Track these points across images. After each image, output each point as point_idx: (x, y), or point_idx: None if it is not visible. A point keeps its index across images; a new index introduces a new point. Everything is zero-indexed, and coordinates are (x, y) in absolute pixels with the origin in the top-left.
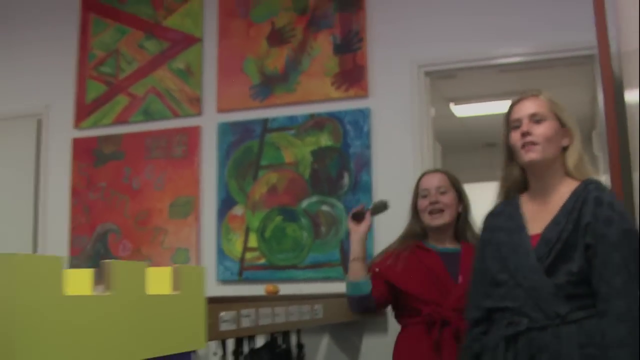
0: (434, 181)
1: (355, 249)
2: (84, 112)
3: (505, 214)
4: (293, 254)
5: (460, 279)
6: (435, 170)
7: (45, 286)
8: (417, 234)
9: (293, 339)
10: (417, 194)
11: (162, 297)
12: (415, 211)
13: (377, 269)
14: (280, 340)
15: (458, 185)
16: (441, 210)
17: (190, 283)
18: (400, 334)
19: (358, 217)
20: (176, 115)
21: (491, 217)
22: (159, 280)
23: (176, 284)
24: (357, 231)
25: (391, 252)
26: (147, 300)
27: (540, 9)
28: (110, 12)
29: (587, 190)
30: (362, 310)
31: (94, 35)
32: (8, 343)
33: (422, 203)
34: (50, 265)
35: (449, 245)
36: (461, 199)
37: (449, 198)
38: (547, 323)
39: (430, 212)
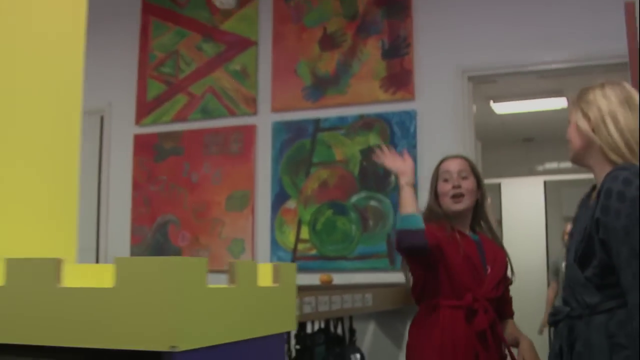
0: (456, 165)
1: (405, 171)
2: (144, 109)
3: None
4: (342, 246)
5: (488, 269)
6: (456, 155)
7: (194, 283)
8: (439, 217)
9: (344, 325)
10: (437, 177)
11: (267, 288)
12: (435, 195)
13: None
14: (332, 325)
15: (477, 172)
16: (462, 195)
17: (286, 276)
18: (431, 315)
19: None
20: (233, 114)
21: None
22: (263, 274)
23: (275, 278)
24: (407, 159)
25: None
26: (259, 291)
27: (579, 18)
28: (169, 16)
29: (604, 181)
30: (414, 247)
31: (155, 37)
32: (171, 331)
33: (444, 187)
34: (198, 264)
35: (470, 232)
36: (479, 186)
37: (470, 183)
38: (581, 312)
39: (453, 197)
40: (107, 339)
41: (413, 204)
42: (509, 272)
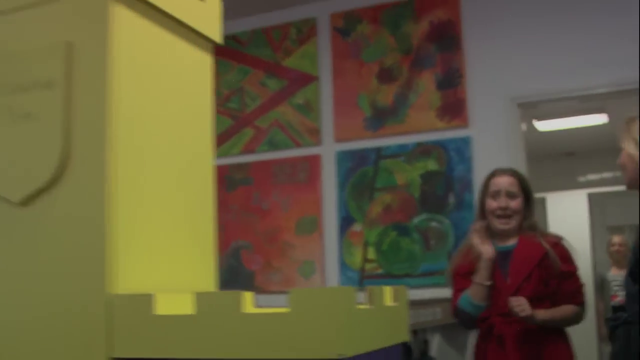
0: (505, 182)
1: (483, 274)
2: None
3: None
4: (407, 264)
5: (509, 279)
6: (507, 171)
7: (349, 305)
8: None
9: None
10: (485, 193)
11: (392, 307)
12: (483, 209)
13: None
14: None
15: (527, 188)
16: (509, 216)
17: (402, 297)
18: (480, 328)
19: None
20: (298, 145)
21: None
22: (386, 295)
23: (395, 298)
24: (488, 256)
25: (465, 251)
26: (386, 309)
27: (621, 43)
28: (234, 55)
29: None
30: (468, 327)
31: (220, 75)
32: (338, 342)
33: (491, 204)
34: (350, 291)
35: (512, 242)
36: (529, 202)
37: (517, 203)
38: (634, 319)
39: (499, 217)
40: (285, 352)
41: (482, 297)
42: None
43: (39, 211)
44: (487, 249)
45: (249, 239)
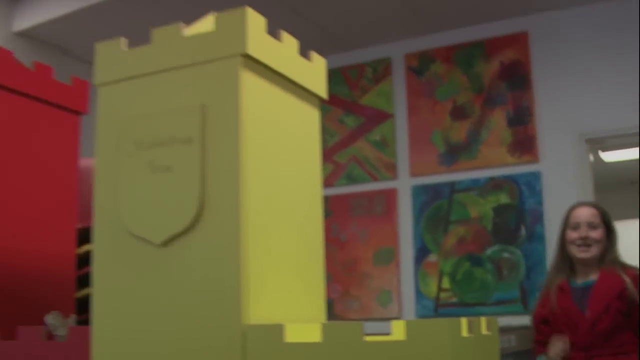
0: (586, 215)
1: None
2: None
3: None
4: (480, 293)
5: (588, 312)
6: (587, 204)
7: (457, 334)
8: (562, 268)
9: None
10: (566, 225)
11: (487, 335)
12: (563, 242)
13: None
14: None
15: (608, 220)
16: (589, 245)
17: (494, 327)
18: None
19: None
20: (375, 179)
21: None
22: (483, 325)
23: (489, 327)
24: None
25: (544, 297)
26: (483, 337)
27: None
28: None
29: None
30: None
31: None
32: None
33: (572, 235)
34: (459, 322)
35: (593, 277)
36: (610, 234)
37: (598, 234)
38: None
39: (579, 245)
40: None
41: None
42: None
43: (177, 252)
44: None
45: (328, 269)
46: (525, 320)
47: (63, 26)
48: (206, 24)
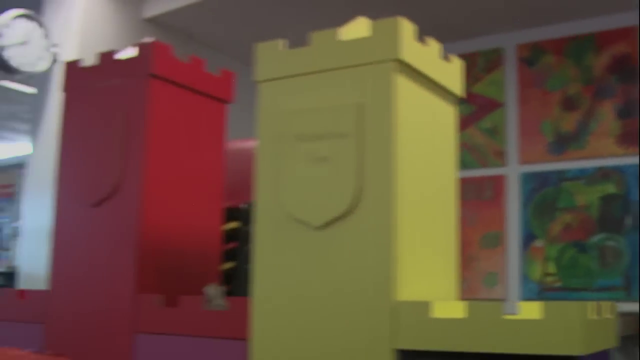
0: None
1: None
2: None
3: None
4: (584, 279)
5: None
6: None
7: (583, 315)
8: None
9: None
10: None
11: (609, 318)
12: None
13: None
14: None
15: None
16: None
17: (614, 311)
18: None
19: None
20: (484, 165)
21: None
22: (607, 309)
23: (611, 312)
24: None
25: None
26: (606, 320)
27: None
28: None
29: None
30: None
31: None
32: (577, 343)
33: None
34: (586, 306)
35: None
36: None
37: None
38: None
39: None
40: (537, 348)
41: None
42: None
43: (334, 234)
44: None
45: None
46: (626, 307)
47: (191, 14)
48: (359, 28)
